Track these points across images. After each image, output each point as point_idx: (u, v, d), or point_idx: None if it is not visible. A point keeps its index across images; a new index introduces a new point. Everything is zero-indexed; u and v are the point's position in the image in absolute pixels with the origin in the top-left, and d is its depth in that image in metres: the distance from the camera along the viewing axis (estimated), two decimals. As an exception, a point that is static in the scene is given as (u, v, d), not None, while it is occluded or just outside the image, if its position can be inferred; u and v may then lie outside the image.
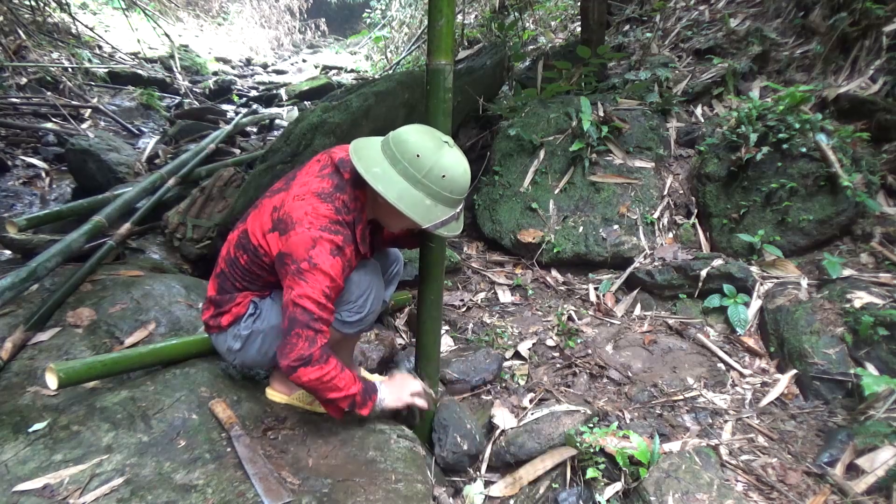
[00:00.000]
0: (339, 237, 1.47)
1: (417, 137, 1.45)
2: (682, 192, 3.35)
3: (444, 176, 1.43)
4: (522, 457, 1.90)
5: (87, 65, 6.79)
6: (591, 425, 1.93)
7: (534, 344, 2.64)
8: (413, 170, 1.42)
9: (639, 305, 2.89)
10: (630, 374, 2.39)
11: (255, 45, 13.63)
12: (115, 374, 1.88)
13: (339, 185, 1.53)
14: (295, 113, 7.09)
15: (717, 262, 2.74)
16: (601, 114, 3.48)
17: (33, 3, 6.02)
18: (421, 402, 1.76)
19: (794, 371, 2.25)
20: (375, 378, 2.11)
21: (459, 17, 6.20)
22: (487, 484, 1.86)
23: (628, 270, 3.00)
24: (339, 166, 1.56)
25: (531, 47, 6.04)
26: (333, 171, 1.57)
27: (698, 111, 3.79)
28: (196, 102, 7.44)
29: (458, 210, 1.53)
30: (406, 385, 1.76)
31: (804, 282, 2.59)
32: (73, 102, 5.77)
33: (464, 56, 4.78)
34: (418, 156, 1.42)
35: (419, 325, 1.91)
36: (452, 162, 1.45)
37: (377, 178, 1.43)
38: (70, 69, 6.21)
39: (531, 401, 2.22)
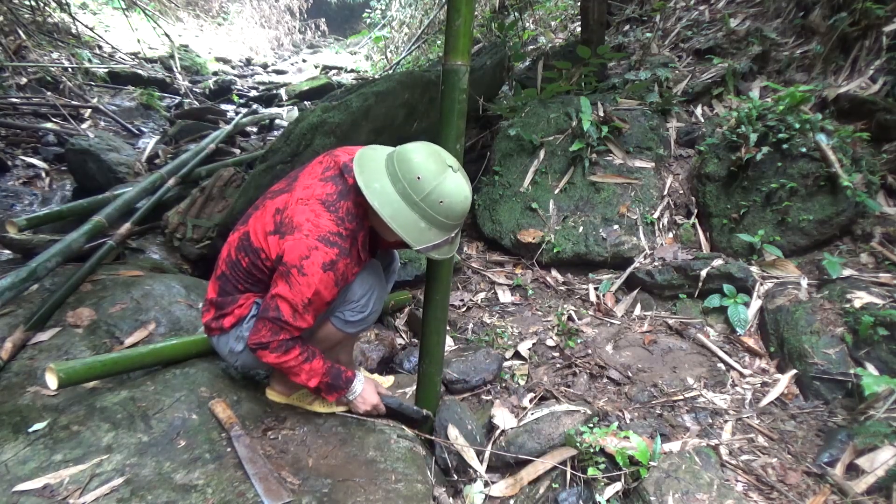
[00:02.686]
0: (334, 250, 1.47)
1: (421, 159, 1.43)
2: (682, 192, 3.35)
3: (442, 202, 1.42)
4: (522, 457, 1.89)
5: (87, 65, 6.79)
6: (591, 425, 1.93)
7: (534, 344, 2.64)
8: (411, 191, 1.41)
9: (639, 305, 2.89)
10: (630, 374, 2.39)
11: (255, 45, 13.64)
12: (115, 374, 1.88)
13: (342, 190, 1.54)
14: (295, 113, 7.08)
15: (717, 262, 2.74)
16: (601, 114, 3.47)
17: (33, 3, 6.03)
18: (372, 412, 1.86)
19: (794, 371, 2.25)
20: (374, 378, 2.13)
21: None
22: (487, 484, 1.86)
23: (628, 270, 3.00)
24: (343, 171, 1.56)
25: (531, 47, 6.04)
26: (337, 175, 1.57)
27: (698, 111, 3.79)
28: (196, 102, 7.44)
29: (452, 234, 1.52)
30: (370, 398, 1.82)
31: (804, 282, 2.59)
32: (73, 102, 5.77)
33: (464, 56, 4.77)
34: (419, 178, 1.40)
35: (423, 325, 1.90)
36: (452, 188, 1.43)
37: (374, 194, 1.42)
38: (70, 69, 6.21)
39: (531, 401, 2.22)
